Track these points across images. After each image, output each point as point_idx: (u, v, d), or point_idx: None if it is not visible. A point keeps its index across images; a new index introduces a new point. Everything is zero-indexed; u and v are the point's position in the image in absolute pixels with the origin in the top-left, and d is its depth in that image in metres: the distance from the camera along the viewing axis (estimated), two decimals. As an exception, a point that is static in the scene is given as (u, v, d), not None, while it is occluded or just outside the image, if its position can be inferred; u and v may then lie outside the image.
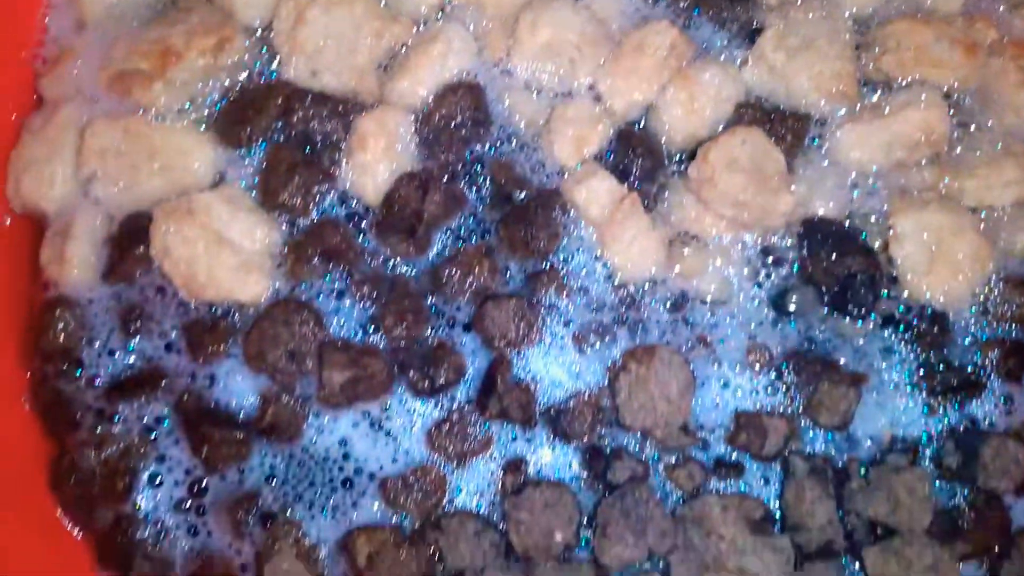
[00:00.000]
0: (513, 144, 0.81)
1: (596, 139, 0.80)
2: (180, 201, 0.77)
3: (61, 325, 0.78)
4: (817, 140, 0.80)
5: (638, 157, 0.80)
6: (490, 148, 0.81)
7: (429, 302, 0.78)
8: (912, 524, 0.71)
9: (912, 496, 0.71)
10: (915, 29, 0.79)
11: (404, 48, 0.83)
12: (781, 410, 0.75)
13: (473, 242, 0.79)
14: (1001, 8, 0.84)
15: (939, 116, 0.78)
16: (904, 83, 0.80)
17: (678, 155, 0.81)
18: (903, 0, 0.84)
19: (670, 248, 0.79)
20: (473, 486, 0.75)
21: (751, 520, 0.72)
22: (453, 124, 0.80)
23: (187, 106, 0.81)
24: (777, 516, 0.74)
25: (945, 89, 0.80)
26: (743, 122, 0.80)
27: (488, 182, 0.80)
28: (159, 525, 0.76)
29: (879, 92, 0.81)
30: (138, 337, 0.78)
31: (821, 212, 0.79)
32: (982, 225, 0.77)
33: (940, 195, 0.78)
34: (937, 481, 0.75)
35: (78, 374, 0.78)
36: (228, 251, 0.76)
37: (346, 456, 0.76)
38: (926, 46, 0.79)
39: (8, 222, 0.83)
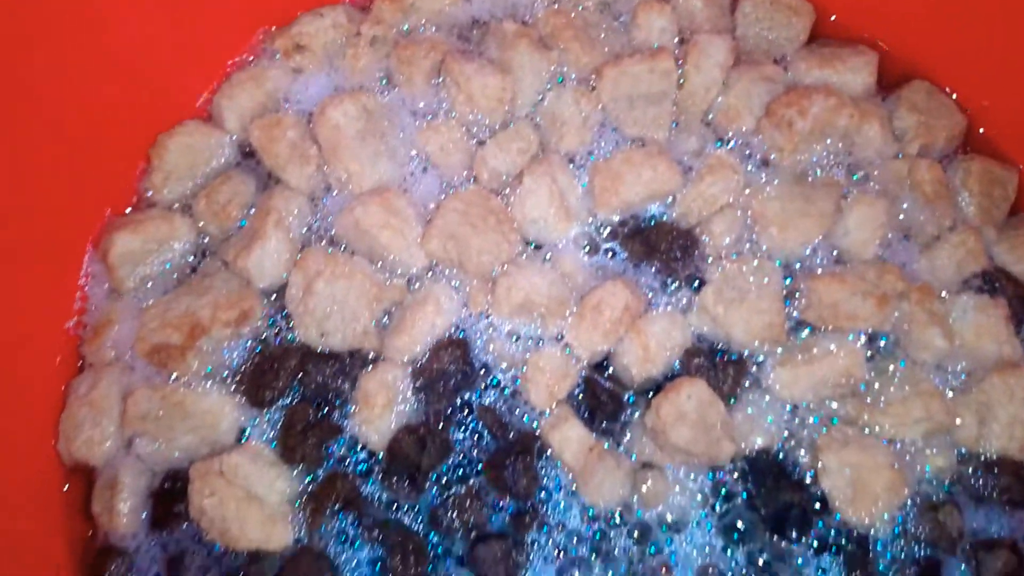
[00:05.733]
0: (496, 390, 0.94)
1: (566, 387, 0.93)
2: (212, 463, 0.89)
3: (113, 572, 0.90)
4: (755, 377, 0.94)
5: (602, 401, 0.93)
6: (477, 394, 0.94)
7: (428, 540, 0.90)
8: None
9: None
10: (832, 287, 0.92)
11: (398, 307, 0.96)
12: (732, 633, 0.88)
13: (465, 483, 0.92)
14: (910, 249, 0.99)
15: (856, 363, 0.91)
16: (828, 328, 0.94)
17: (640, 389, 0.94)
18: (825, 247, 0.98)
19: (635, 477, 0.92)
20: None
21: None
22: (444, 376, 0.93)
23: (209, 370, 0.94)
24: None
25: (864, 334, 0.94)
26: (689, 367, 0.93)
27: (475, 425, 0.93)
28: None
29: (807, 332, 0.95)
30: (181, 581, 0.90)
31: (759, 443, 0.91)
32: (896, 462, 0.89)
33: (860, 430, 0.91)
34: None
35: (129, 618, 0.90)
36: (255, 506, 0.88)
37: None
38: (842, 302, 0.92)
39: (66, 487, 0.94)
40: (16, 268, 0.93)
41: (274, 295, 0.97)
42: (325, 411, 0.93)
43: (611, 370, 0.95)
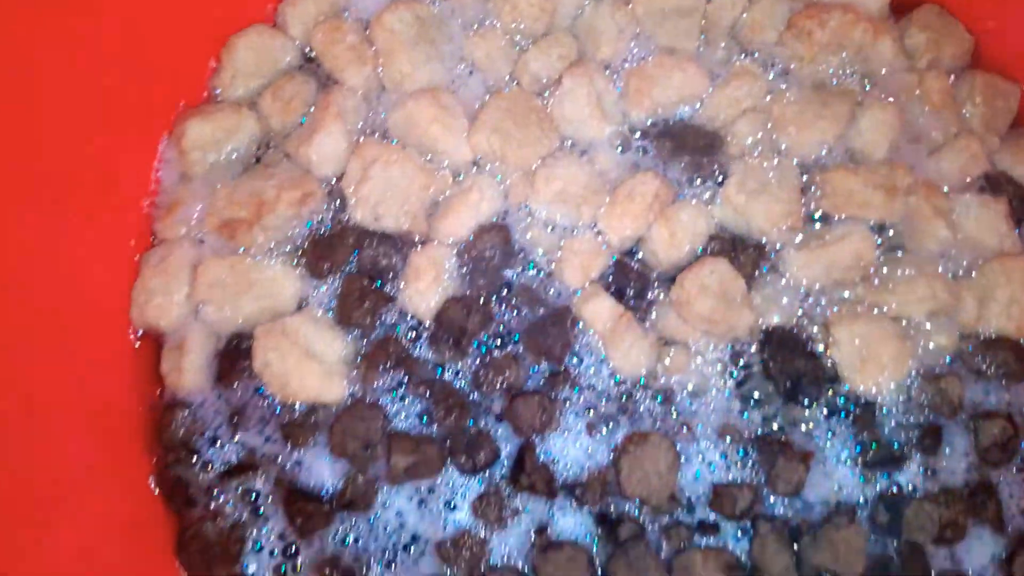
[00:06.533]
0: (533, 271, 1.02)
1: (597, 267, 1.01)
2: (275, 324, 0.98)
3: (179, 423, 0.99)
4: (772, 263, 1.01)
5: (631, 280, 1.01)
6: (516, 274, 1.02)
7: (470, 398, 0.99)
8: (849, 570, 0.91)
9: (849, 548, 0.91)
10: (846, 178, 1.01)
11: (445, 196, 1.05)
12: (748, 481, 0.95)
13: (504, 349, 1.00)
14: (918, 152, 1.07)
15: (867, 247, 0.99)
16: (840, 218, 1.02)
17: (664, 275, 1.02)
18: (839, 148, 1.06)
19: (659, 351, 1.00)
20: (509, 546, 0.95)
21: (726, 567, 0.92)
22: (487, 257, 1.01)
23: (273, 245, 1.03)
24: (747, 565, 0.94)
25: (874, 223, 1.02)
26: (713, 252, 1.01)
27: (514, 301, 1.01)
28: (262, 582, 0.97)
29: (821, 223, 1.03)
30: (242, 431, 0.98)
31: (776, 320, 0.99)
32: (902, 331, 0.97)
33: (869, 309, 0.99)
34: (872, 536, 0.95)
35: (194, 461, 0.98)
36: (314, 362, 0.97)
37: (408, 523, 0.96)
38: (854, 191, 1.00)
39: (137, 345, 1.04)
40: (97, 152, 1.02)
41: (333, 181, 1.05)
42: (379, 284, 1.01)
43: (640, 255, 1.03)
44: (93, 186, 1.02)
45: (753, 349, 0.99)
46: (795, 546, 0.94)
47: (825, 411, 0.97)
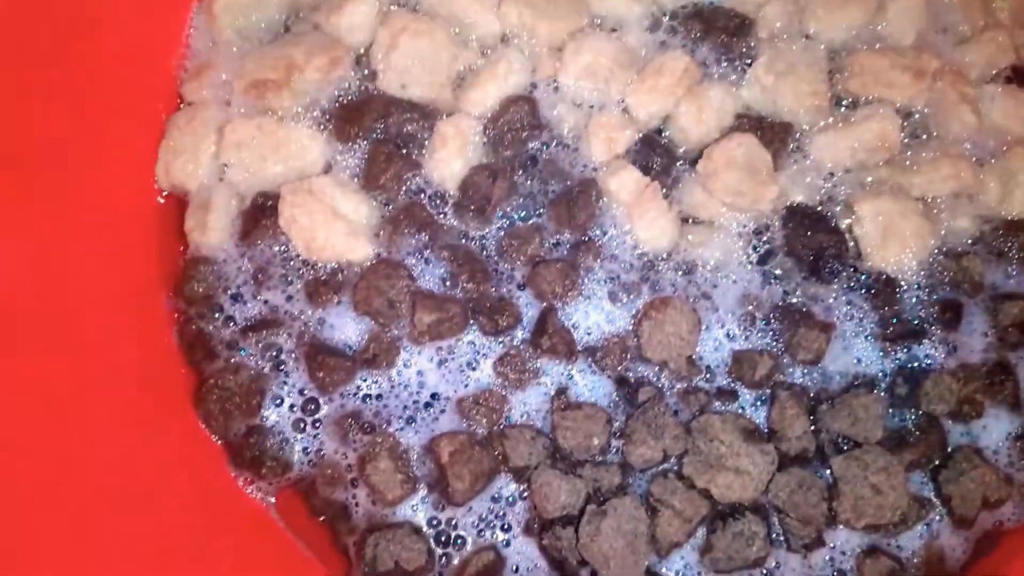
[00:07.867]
0: (559, 144, 1.03)
1: (624, 141, 1.01)
2: (302, 182, 0.98)
3: (201, 278, 0.99)
4: (798, 144, 1.02)
5: (657, 156, 1.01)
6: (542, 147, 1.02)
7: (494, 265, 0.99)
8: (867, 436, 0.92)
9: (867, 414, 0.92)
10: (873, 58, 1.01)
11: (473, 68, 1.05)
12: (768, 349, 0.96)
13: (528, 219, 1.00)
14: (945, 42, 1.07)
15: (892, 127, 0.99)
16: (867, 100, 1.02)
17: (689, 154, 1.03)
18: (867, 33, 1.06)
19: (682, 226, 1.00)
20: (528, 405, 0.96)
21: (744, 431, 0.92)
22: (513, 128, 1.01)
23: (301, 110, 1.03)
24: (765, 430, 0.95)
25: (899, 106, 1.02)
26: (740, 129, 1.02)
27: (540, 173, 1.02)
28: (282, 435, 0.97)
29: (847, 106, 1.03)
30: (265, 289, 0.99)
31: (800, 199, 1.00)
32: (925, 210, 0.97)
33: (892, 188, 1.00)
34: (891, 408, 0.95)
35: (216, 316, 0.99)
36: (341, 222, 0.97)
37: (429, 382, 0.97)
38: (882, 72, 1.01)
39: (162, 200, 1.04)
40: (129, 15, 1.02)
41: (361, 51, 1.05)
42: (405, 150, 1.01)
43: (667, 134, 1.03)
44: (124, 49, 1.02)
45: (776, 225, 0.99)
46: (813, 415, 0.94)
47: (846, 287, 0.97)
